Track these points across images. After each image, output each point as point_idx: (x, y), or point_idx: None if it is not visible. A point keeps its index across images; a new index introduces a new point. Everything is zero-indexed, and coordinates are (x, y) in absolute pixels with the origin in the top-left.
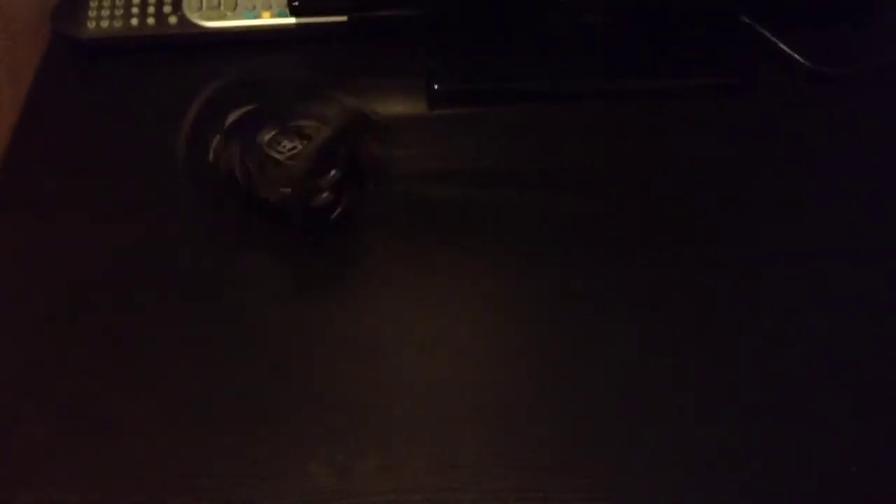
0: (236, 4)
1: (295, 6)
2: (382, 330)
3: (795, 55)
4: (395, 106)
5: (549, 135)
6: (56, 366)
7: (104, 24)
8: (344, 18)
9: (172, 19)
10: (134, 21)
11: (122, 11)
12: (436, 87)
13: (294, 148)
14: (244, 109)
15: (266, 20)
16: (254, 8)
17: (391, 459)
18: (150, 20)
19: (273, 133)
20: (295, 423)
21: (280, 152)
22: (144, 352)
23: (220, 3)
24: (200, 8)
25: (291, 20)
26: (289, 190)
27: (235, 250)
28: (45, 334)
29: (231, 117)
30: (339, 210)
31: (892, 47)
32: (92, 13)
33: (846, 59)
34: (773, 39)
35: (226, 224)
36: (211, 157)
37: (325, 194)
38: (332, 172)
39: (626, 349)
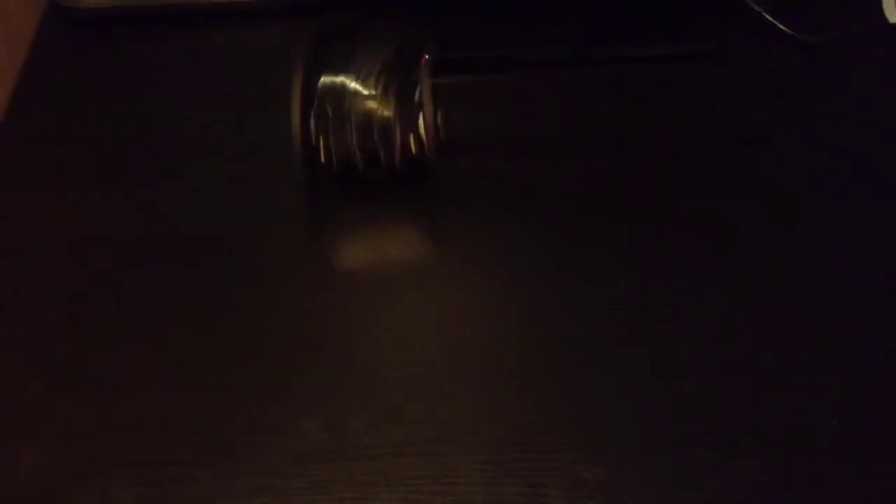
0: None
1: None
2: (373, 294)
3: (773, 21)
4: None
5: (536, 103)
6: (54, 324)
7: None
8: None
9: None
10: None
11: None
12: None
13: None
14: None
15: None
16: None
17: (385, 415)
18: None
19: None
20: (287, 381)
21: None
22: (144, 312)
23: None
24: None
25: None
26: None
27: (239, 217)
28: (44, 294)
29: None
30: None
31: (870, 13)
32: None
33: (824, 25)
34: (752, 4)
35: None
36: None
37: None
38: None
39: (614, 307)
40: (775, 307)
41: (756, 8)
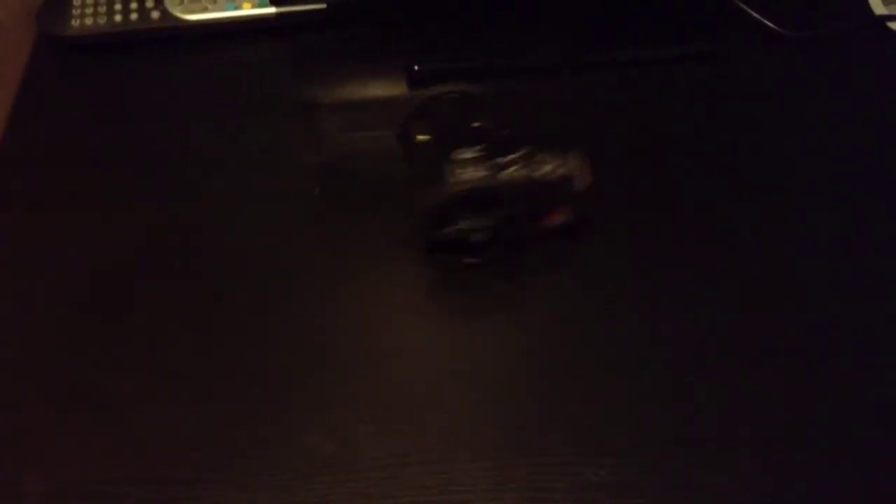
0: None
1: None
2: (369, 301)
3: (765, 21)
4: (377, 89)
5: (531, 109)
6: (55, 349)
7: (88, 21)
8: (323, 6)
9: (155, 14)
10: (117, 17)
11: (105, 8)
12: (415, 67)
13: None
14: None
15: (246, 10)
16: None
17: (387, 426)
18: (133, 16)
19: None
20: (290, 395)
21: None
22: (144, 330)
23: None
24: (182, 2)
25: (271, 9)
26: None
27: (223, 235)
28: (44, 320)
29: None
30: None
31: (859, 9)
32: (76, 11)
33: (814, 22)
34: (742, 6)
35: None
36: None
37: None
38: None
39: (614, 308)
40: (775, 307)
41: (740, 4)
